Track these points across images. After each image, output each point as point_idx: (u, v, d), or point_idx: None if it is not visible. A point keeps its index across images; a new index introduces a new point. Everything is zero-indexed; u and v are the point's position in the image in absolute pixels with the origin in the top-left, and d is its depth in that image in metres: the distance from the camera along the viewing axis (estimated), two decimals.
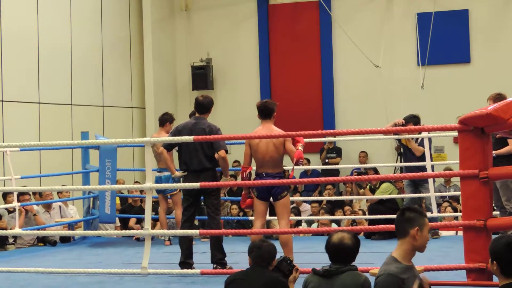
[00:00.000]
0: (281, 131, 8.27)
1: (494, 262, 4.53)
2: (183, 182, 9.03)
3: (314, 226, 13.24)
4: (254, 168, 8.51)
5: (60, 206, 13.17)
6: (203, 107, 9.06)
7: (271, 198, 8.38)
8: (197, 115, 9.09)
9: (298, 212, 13.67)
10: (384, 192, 11.93)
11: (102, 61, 17.68)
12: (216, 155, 8.86)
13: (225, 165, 8.95)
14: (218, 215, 8.98)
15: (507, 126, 6.80)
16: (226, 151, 8.86)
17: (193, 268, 8.75)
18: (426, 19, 17.11)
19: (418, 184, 11.27)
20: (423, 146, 11.19)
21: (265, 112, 8.43)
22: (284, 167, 8.63)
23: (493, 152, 8.14)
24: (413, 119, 11.27)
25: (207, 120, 9.01)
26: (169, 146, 9.13)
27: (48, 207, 12.92)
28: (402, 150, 11.96)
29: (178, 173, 9.25)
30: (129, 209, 13.79)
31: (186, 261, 8.86)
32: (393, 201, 11.92)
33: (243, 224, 13.41)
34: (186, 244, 8.91)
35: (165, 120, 11.60)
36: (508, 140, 9.17)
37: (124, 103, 18.38)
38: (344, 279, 5.11)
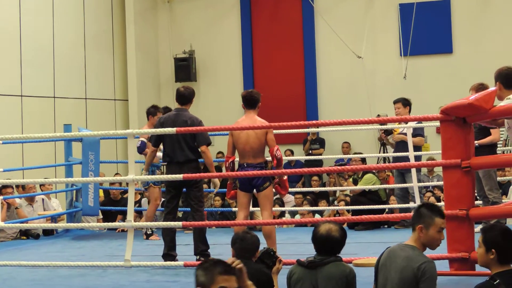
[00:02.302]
0: (264, 122, 8.25)
1: (493, 250, 4.62)
2: (166, 174, 9.02)
3: (298, 217, 13.24)
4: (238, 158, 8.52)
5: (43, 199, 13.12)
6: (185, 98, 9.04)
7: (254, 190, 8.38)
8: (178, 106, 9.07)
9: (281, 203, 13.66)
10: (367, 183, 11.94)
11: (85, 53, 17.59)
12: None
13: (209, 160, 8.92)
14: (202, 207, 8.96)
15: (489, 116, 6.83)
16: (209, 144, 8.85)
17: (177, 260, 8.73)
18: (408, 10, 17.15)
19: (404, 174, 11.27)
20: (422, 135, 11.20)
21: (250, 102, 8.41)
22: (267, 158, 8.62)
23: (475, 141, 8.18)
24: (403, 100, 11.22)
25: (188, 112, 8.98)
26: (156, 142, 9.09)
27: (31, 200, 12.86)
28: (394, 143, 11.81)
29: (145, 172, 9.67)
30: (110, 203, 13.69)
31: (169, 253, 8.85)
32: (375, 193, 11.93)
33: (227, 215, 13.38)
34: (169, 236, 8.90)
35: (148, 113, 11.51)
36: (491, 130, 9.21)
37: (107, 95, 18.31)
38: (329, 270, 5.08)
